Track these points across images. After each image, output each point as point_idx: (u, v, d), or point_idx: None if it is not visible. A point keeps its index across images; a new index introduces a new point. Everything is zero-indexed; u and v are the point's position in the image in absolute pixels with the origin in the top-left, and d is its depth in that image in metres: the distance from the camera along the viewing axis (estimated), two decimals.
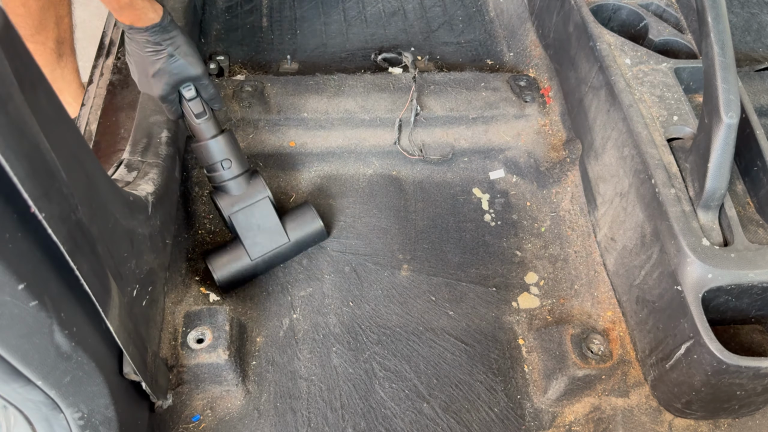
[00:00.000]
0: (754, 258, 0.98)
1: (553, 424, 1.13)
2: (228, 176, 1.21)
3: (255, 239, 1.24)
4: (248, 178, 1.24)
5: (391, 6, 1.86)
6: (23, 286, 0.60)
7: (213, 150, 1.20)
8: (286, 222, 1.27)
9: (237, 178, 1.22)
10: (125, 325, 0.83)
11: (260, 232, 1.24)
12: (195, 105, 1.18)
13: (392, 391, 1.15)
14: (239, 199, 1.23)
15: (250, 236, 1.23)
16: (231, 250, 1.24)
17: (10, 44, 0.59)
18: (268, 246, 1.25)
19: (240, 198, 1.23)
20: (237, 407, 1.11)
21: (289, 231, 1.27)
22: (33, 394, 0.71)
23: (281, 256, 1.28)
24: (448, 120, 1.47)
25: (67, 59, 1.95)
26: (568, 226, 1.38)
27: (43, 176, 0.60)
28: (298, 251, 1.31)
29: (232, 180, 1.22)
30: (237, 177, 1.22)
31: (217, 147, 1.20)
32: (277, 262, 1.29)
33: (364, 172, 1.48)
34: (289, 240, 1.26)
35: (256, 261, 1.24)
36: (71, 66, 1.98)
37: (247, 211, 1.23)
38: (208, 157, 1.20)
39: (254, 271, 1.26)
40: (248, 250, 1.23)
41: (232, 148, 1.22)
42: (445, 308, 1.27)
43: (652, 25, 1.38)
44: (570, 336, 1.13)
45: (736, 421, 1.10)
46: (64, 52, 1.93)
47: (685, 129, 1.14)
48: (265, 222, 1.24)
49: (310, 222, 1.29)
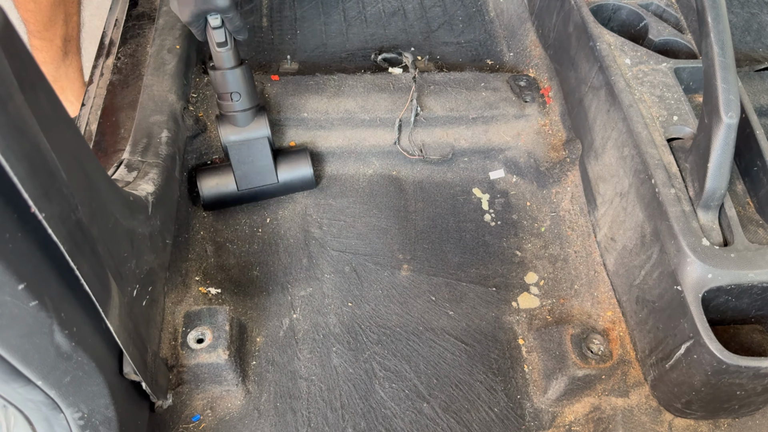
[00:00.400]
0: (754, 258, 0.98)
1: (553, 424, 1.13)
2: (236, 108, 1.26)
3: (246, 172, 1.30)
4: (254, 114, 1.29)
5: (391, 6, 1.86)
6: (23, 286, 0.60)
7: (228, 80, 1.23)
8: (279, 163, 1.33)
9: (243, 112, 1.27)
10: (125, 325, 0.83)
11: (252, 167, 1.30)
12: (218, 34, 1.20)
13: (392, 391, 1.15)
14: (240, 132, 1.28)
15: (241, 168, 1.30)
16: (222, 174, 1.31)
17: (10, 44, 0.59)
18: (257, 182, 1.32)
19: (241, 131, 1.28)
20: (237, 407, 1.11)
21: (280, 172, 1.33)
22: (33, 394, 0.71)
23: (267, 193, 1.36)
24: (448, 120, 1.47)
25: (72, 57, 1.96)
26: (568, 226, 1.38)
27: (43, 176, 0.60)
28: (285, 192, 1.38)
29: (238, 112, 1.27)
30: (243, 111, 1.27)
31: (232, 78, 1.23)
32: (262, 197, 1.36)
33: (364, 172, 1.48)
34: (277, 181, 1.33)
35: (242, 191, 1.32)
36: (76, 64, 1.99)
37: (245, 144, 1.29)
38: (222, 85, 1.24)
39: (239, 199, 1.34)
40: (237, 180, 1.30)
41: (246, 83, 1.25)
42: (445, 308, 1.27)
43: (652, 25, 1.38)
44: (570, 336, 1.13)
45: (736, 421, 1.10)
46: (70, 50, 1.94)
47: (685, 129, 1.14)
48: (259, 159, 1.30)
49: (301, 168, 1.35)
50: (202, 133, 1.40)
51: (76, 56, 1.99)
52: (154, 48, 1.39)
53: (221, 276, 1.28)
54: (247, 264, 1.31)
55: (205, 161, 1.41)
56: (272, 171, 1.32)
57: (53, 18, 1.80)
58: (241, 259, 1.31)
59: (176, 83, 1.34)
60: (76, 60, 1.99)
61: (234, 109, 1.26)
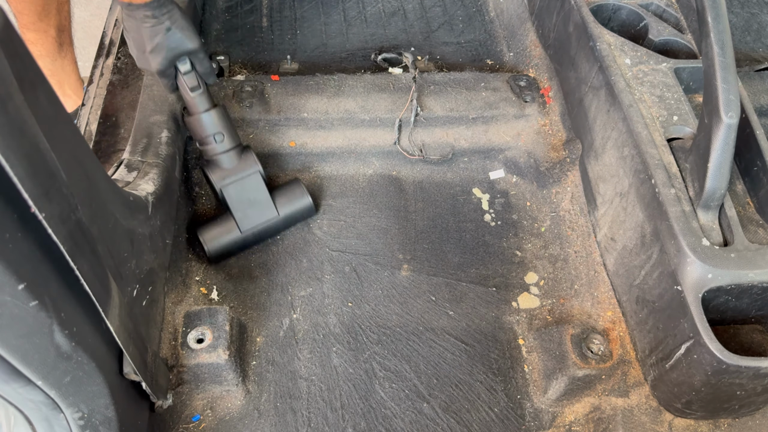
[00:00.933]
0: (754, 258, 0.98)
1: (553, 424, 1.13)
2: (220, 149, 1.24)
3: (245, 212, 1.27)
4: (240, 153, 1.27)
5: (391, 6, 1.86)
6: (23, 286, 0.60)
7: (206, 123, 1.22)
8: (276, 197, 1.30)
9: (229, 151, 1.25)
10: (125, 325, 0.83)
11: (250, 205, 1.27)
12: (190, 78, 1.20)
13: (392, 391, 1.15)
14: (231, 173, 1.25)
15: (240, 209, 1.26)
16: (222, 222, 1.27)
17: (10, 44, 0.59)
18: (258, 219, 1.28)
19: (231, 171, 1.25)
20: (237, 407, 1.11)
21: (279, 206, 1.30)
22: (33, 394, 0.71)
23: (271, 229, 1.32)
24: (448, 120, 1.47)
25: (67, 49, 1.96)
26: (568, 226, 1.38)
27: (43, 176, 0.60)
28: (287, 226, 1.34)
29: (224, 153, 1.24)
30: (229, 151, 1.24)
31: (210, 120, 1.22)
32: (266, 236, 1.32)
33: (364, 172, 1.48)
34: (278, 214, 1.29)
35: (245, 234, 1.27)
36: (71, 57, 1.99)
37: (238, 184, 1.26)
38: (201, 130, 1.23)
39: (243, 243, 1.29)
40: (238, 222, 1.26)
41: (225, 122, 1.24)
42: (445, 308, 1.27)
43: (652, 25, 1.38)
44: (570, 336, 1.13)
45: (736, 421, 1.10)
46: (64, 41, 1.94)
47: (685, 129, 1.14)
48: (256, 196, 1.27)
49: (299, 197, 1.32)
50: None
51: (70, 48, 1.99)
52: None
53: (221, 276, 1.28)
54: (247, 264, 1.31)
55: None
56: (271, 205, 1.29)
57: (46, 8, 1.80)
58: (241, 259, 1.31)
59: None
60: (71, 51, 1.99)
61: (220, 150, 1.24)
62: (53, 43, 1.89)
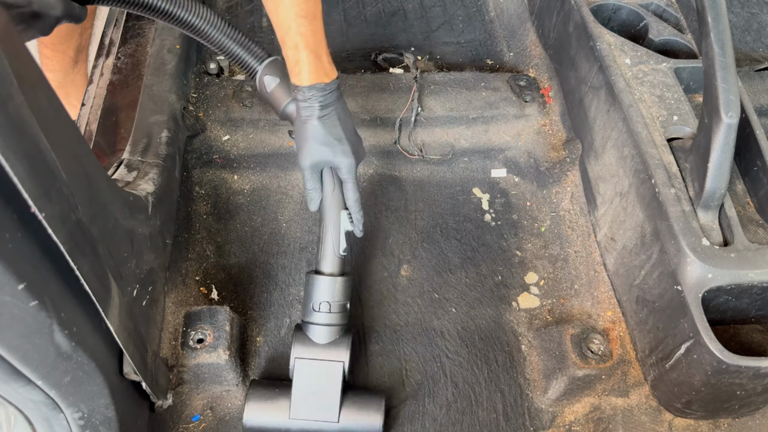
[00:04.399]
0: (754, 258, 0.98)
1: (553, 424, 1.13)
2: (316, 320, 1.07)
3: (305, 399, 1.06)
4: (337, 334, 1.08)
5: (391, 6, 1.86)
6: (23, 286, 0.60)
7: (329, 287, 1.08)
8: (346, 400, 1.07)
9: (325, 326, 1.07)
10: (125, 325, 0.83)
11: (314, 396, 1.06)
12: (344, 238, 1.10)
13: (392, 391, 1.15)
14: (315, 350, 1.07)
15: (300, 393, 1.06)
16: (276, 396, 1.07)
17: (10, 44, 0.59)
18: (313, 414, 1.06)
19: (317, 348, 1.07)
20: (237, 407, 1.11)
21: (343, 413, 1.06)
22: (33, 394, 0.71)
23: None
24: (448, 120, 1.47)
25: (81, 65, 1.96)
26: (568, 226, 1.38)
27: (43, 176, 0.60)
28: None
29: (318, 326, 1.07)
30: (325, 326, 1.07)
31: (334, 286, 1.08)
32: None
33: (364, 172, 1.48)
34: (337, 422, 1.06)
35: (291, 422, 1.06)
36: (83, 71, 1.99)
37: (315, 365, 1.06)
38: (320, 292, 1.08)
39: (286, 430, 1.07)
40: (292, 405, 1.05)
41: (342, 295, 1.09)
42: (444, 308, 1.27)
43: (652, 25, 1.38)
44: (570, 336, 1.13)
45: (736, 421, 1.10)
46: (80, 59, 1.94)
47: (685, 129, 1.14)
48: (325, 389, 1.06)
49: (370, 415, 1.07)
50: (202, 133, 1.40)
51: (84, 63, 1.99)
52: (154, 48, 1.39)
53: (221, 276, 1.28)
54: (247, 264, 1.31)
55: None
56: (335, 408, 1.05)
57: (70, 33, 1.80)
58: (241, 259, 1.31)
59: (176, 83, 1.34)
60: (84, 67, 2.00)
61: (318, 320, 1.07)
62: (69, 61, 1.89)
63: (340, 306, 1.09)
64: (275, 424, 1.06)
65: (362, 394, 1.10)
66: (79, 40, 1.86)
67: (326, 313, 1.07)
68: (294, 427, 1.06)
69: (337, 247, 1.10)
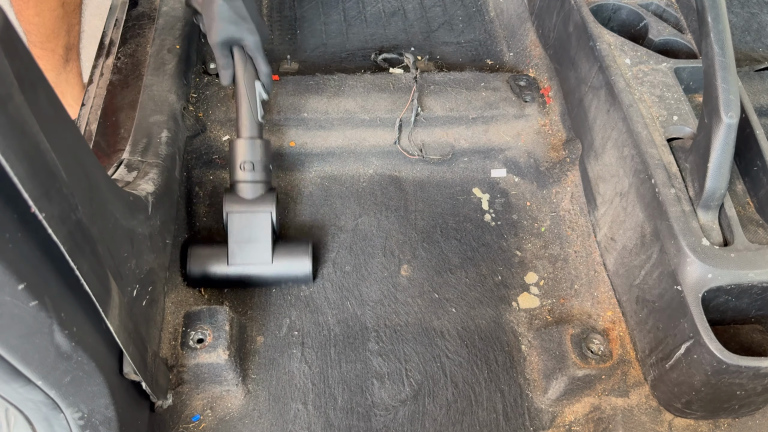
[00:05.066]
0: (754, 258, 0.98)
1: (553, 424, 1.13)
2: (243, 178, 1.21)
3: (240, 247, 1.20)
4: (262, 190, 1.23)
5: (391, 6, 1.86)
6: (23, 286, 0.60)
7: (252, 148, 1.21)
8: (278, 247, 1.23)
9: (250, 183, 1.21)
10: (125, 325, 0.83)
11: (248, 243, 1.20)
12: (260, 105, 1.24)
13: (392, 391, 1.15)
14: (243, 204, 1.21)
15: (236, 242, 1.20)
16: (214, 248, 1.22)
17: (10, 44, 0.59)
18: (249, 259, 1.20)
19: (245, 203, 1.21)
20: (237, 407, 1.11)
21: (276, 256, 1.22)
22: (33, 394, 0.71)
23: (258, 277, 1.23)
24: (448, 120, 1.47)
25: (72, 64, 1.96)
26: (568, 226, 1.38)
27: (43, 176, 0.60)
28: (277, 281, 1.25)
29: (246, 183, 1.21)
30: (250, 183, 1.21)
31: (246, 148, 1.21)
32: (252, 282, 1.24)
33: (364, 172, 1.48)
34: (271, 263, 1.21)
35: (231, 268, 1.20)
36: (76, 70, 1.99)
37: (245, 217, 1.20)
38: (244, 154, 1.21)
39: (226, 278, 1.21)
40: (229, 254, 1.20)
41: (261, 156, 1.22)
42: (445, 308, 1.27)
43: (652, 25, 1.38)
44: (570, 336, 1.13)
45: (736, 421, 1.10)
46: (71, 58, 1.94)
47: (685, 129, 1.14)
48: (257, 236, 1.20)
49: (299, 257, 1.24)
50: (202, 133, 1.40)
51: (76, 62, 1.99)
52: (154, 48, 1.39)
53: None
54: None
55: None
56: (268, 251, 1.20)
57: (56, 30, 1.80)
58: None
59: (176, 83, 1.34)
60: (76, 66, 1.99)
61: (242, 178, 1.21)
62: (60, 60, 1.89)
63: (264, 166, 1.22)
64: (216, 271, 1.20)
65: (291, 240, 1.28)
66: (66, 37, 1.85)
67: (251, 171, 1.20)
68: (233, 272, 1.21)
69: (256, 113, 1.22)
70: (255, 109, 1.22)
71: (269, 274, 1.23)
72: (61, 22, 1.80)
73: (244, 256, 1.20)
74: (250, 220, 1.20)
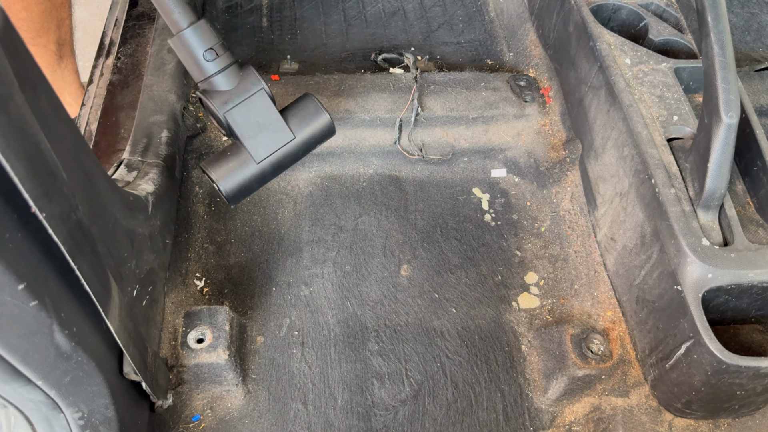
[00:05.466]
0: (754, 258, 0.98)
1: (553, 424, 1.13)
2: (214, 69, 1.04)
3: (257, 139, 1.08)
4: (238, 71, 1.08)
5: (391, 6, 1.86)
6: (23, 286, 0.60)
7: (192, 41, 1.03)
8: (288, 117, 1.12)
9: (225, 70, 1.05)
10: (125, 325, 0.83)
11: (261, 130, 1.08)
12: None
13: (393, 391, 1.15)
14: (232, 95, 1.06)
15: (250, 136, 1.08)
16: (232, 155, 1.09)
17: (10, 44, 0.59)
18: (273, 145, 1.09)
19: (232, 93, 1.06)
20: (237, 407, 1.11)
21: (293, 126, 1.11)
22: (33, 394, 0.71)
23: (289, 156, 1.12)
24: (448, 120, 1.47)
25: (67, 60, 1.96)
26: (568, 226, 1.38)
27: (44, 176, 0.60)
28: (306, 150, 1.15)
29: (220, 74, 1.05)
30: (225, 69, 1.05)
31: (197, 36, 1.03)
32: (285, 165, 1.13)
33: (364, 172, 1.48)
34: (294, 136, 1.10)
35: (262, 164, 1.09)
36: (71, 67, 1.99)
37: (243, 107, 1.07)
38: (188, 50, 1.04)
39: (262, 176, 1.11)
40: (251, 152, 1.08)
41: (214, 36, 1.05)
42: (445, 308, 1.27)
43: (652, 25, 1.38)
44: (570, 336, 1.13)
45: (736, 421, 1.10)
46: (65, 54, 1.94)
47: (685, 129, 1.15)
48: (265, 118, 1.08)
49: (314, 114, 1.13)
50: (202, 133, 1.40)
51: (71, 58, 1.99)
52: (154, 48, 1.39)
53: (221, 276, 1.28)
54: (247, 264, 1.31)
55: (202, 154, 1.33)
56: (284, 126, 1.09)
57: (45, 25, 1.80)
58: (241, 259, 1.31)
59: (176, 83, 1.34)
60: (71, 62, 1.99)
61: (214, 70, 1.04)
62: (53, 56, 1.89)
63: (222, 46, 1.06)
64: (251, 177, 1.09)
65: (295, 104, 1.14)
66: (57, 32, 1.85)
67: (216, 57, 1.04)
68: (266, 167, 1.10)
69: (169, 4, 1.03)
70: None
71: (298, 147, 1.13)
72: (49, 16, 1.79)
73: (267, 146, 1.09)
74: (249, 108, 1.08)
